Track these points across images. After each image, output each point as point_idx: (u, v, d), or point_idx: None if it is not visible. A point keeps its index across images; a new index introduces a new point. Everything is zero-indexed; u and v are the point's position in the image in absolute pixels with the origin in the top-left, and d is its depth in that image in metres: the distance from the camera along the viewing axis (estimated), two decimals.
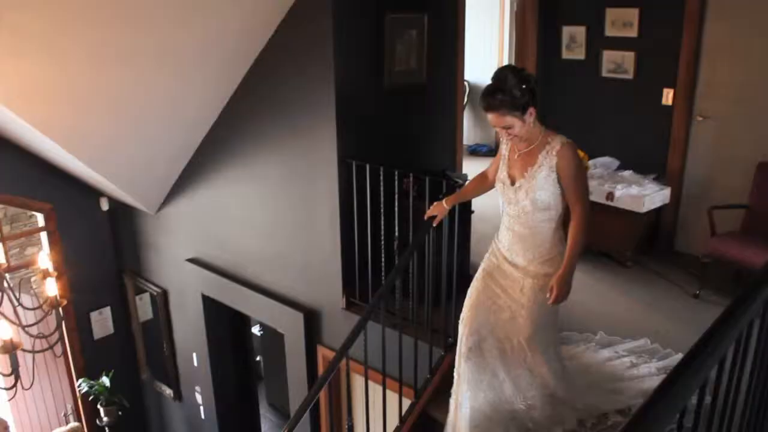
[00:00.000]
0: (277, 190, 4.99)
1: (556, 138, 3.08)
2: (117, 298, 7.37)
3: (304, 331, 5.00)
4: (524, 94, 2.96)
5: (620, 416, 3.44)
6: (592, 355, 3.98)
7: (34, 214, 7.46)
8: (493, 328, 3.36)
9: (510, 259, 3.28)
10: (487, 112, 3.05)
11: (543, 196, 3.08)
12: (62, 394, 7.31)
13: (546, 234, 3.17)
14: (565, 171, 3.05)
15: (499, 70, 3.04)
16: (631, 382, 3.69)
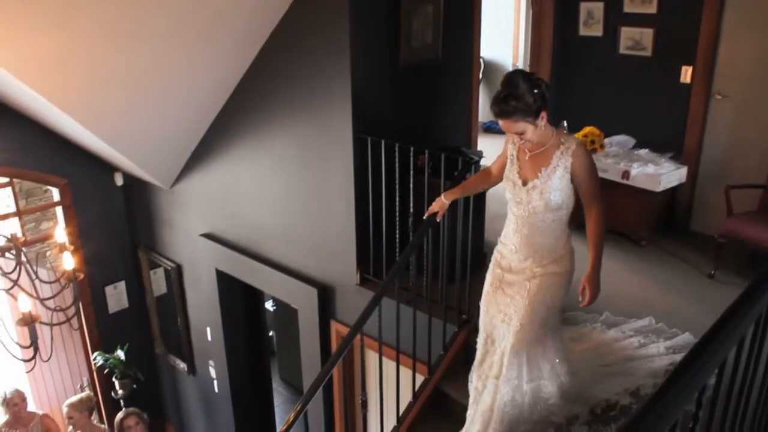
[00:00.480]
0: (291, 166, 4.99)
1: (569, 138, 3.07)
2: (131, 272, 7.42)
3: (318, 307, 5.02)
4: (536, 100, 2.93)
5: (630, 397, 3.43)
6: (599, 336, 3.97)
7: (50, 188, 7.50)
8: (505, 337, 3.34)
9: (515, 266, 3.27)
10: (500, 119, 3.01)
11: (557, 197, 3.07)
12: (78, 367, 7.39)
13: (555, 233, 3.16)
14: (581, 171, 3.04)
15: (510, 75, 3.00)
16: (640, 362, 3.68)
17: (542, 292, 3.20)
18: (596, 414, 3.41)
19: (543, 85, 2.97)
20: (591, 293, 3.12)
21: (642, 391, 3.46)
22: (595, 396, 3.48)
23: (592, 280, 3.11)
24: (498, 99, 2.97)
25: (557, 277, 3.20)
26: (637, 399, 3.41)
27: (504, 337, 3.32)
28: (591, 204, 3.11)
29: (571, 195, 3.11)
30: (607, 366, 3.67)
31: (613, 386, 3.52)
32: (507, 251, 3.30)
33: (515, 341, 3.24)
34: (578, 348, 3.85)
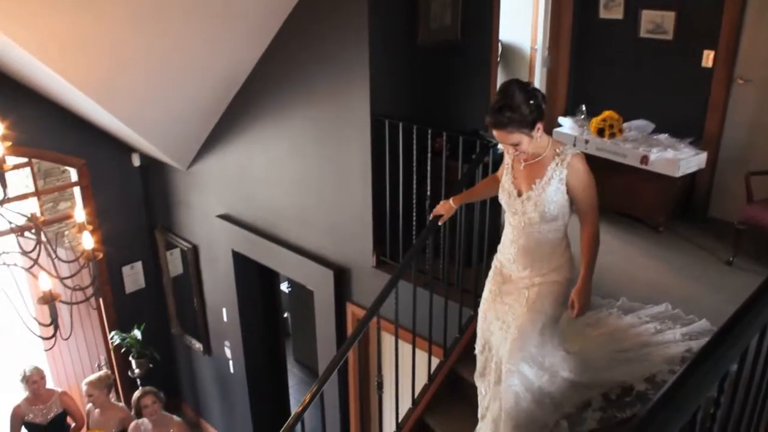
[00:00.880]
0: (308, 148, 4.99)
1: (565, 149, 3.01)
2: (148, 253, 7.47)
3: (334, 289, 5.03)
4: (532, 111, 2.86)
5: (646, 383, 3.41)
6: (615, 322, 3.95)
7: (67, 169, 7.54)
8: (502, 345, 3.32)
9: (514, 275, 3.24)
10: (494, 130, 2.95)
11: (552, 209, 3.03)
12: (96, 346, 7.47)
13: (552, 244, 3.13)
14: (577, 183, 2.99)
15: (506, 85, 2.94)
16: (656, 348, 3.66)
17: (540, 301, 3.17)
18: (611, 399, 3.40)
19: (539, 96, 2.91)
20: (579, 306, 3.10)
21: (658, 378, 3.44)
22: (610, 381, 3.47)
23: (581, 293, 3.09)
24: (493, 109, 2.90)
25: (556, 285, 3.16)
26: (653, 385, 3.39)
27: (501, 345, 3.30)
28: (586, 217, 3.06)
29: (568, 206, 3.06)
30: (623, 352, 3.66)
31: (629, 372, 3.51)
32: (505, 260, 3.28)
33: (513, 349, 3.21)
34: (594, 333, 3.84)
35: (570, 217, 3.11)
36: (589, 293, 3.12)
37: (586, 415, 3.38)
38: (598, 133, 5.22)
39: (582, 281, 3.09)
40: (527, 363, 3.26)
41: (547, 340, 3.28)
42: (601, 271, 4.49)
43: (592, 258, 3.08)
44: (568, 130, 5.47)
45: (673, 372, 3.46)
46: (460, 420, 3.86)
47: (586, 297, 3.11)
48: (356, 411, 5.23)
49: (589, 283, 3.09)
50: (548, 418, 3.38)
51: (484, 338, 3.45)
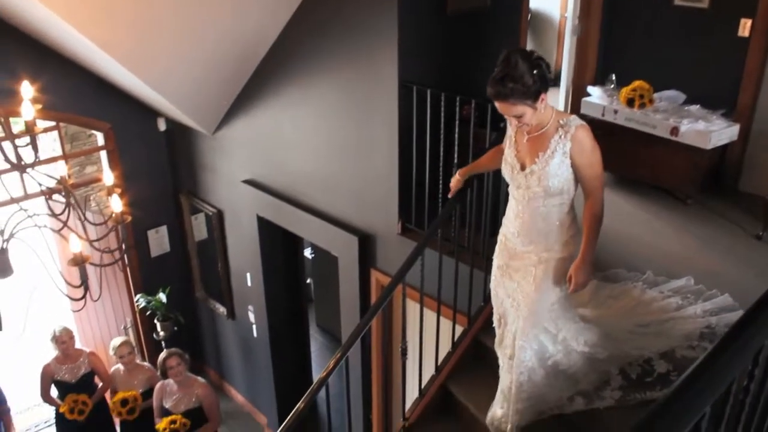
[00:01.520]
0: (335, 113, 4.97)
1: (569, 120, 2.92)
2: (173, 217, 7.53)
3: (358, 255, 5.05)
4: (536, 81, 2.76)
5: (664, 362, 3.36)
6: (638, 295, 3.88)
7: (93, 133, 7.58)
8: (515, 321, 3.29)
9: (519, 249, 3.18)
10: (496, 101, 2.86)
11: (556, 183, 2.95)
12: (122, 308, 7.57)
13: (558, 218, 3.06)
14: (581, 156, 2.91)
15: (508, 54, 2.83)
16: (676, 322, 3.62)
17: (548, 279, 3.13)
18: (631, 379, 3.36)
19: (543, 65, 2.81)
20: (576, 282, 3.05)
21: (677, 353, 3.41)
22: (626, 354, 3.43)
23: (579, 269, 3.04)
24: (495, 80, 2.81)
25: (564, 261, 3.12)
26: (674, 364, 3.35)
27: (514, 321, 3.28)
28: (590, 191, 2.99)
29: (573, 179, 2.98)
30: (643, 326, 3.62)
31: (646, 345, 3.48)
32: (510, 234, 3.21)
33: (525, 327, 3.19)
34: (616, 305, 3.80)
35: (576, 190, 3.03)
36: (589, 270, 3.06)
37: (605, 394, 3.35)
38: (628, 104, 5.14)
39: (581, 257, 3.04)
40: (541, 336, 3.24)
41: (560, 315, 3.25)
42: (627, 242, 4.49)
43: (593, 234, 3.02)
44: (597, 99, 5.40)
45: (691, 347, 3.43)
46: (482, 386, 3.87)
47: (584, 273, 3.05)
48: (378, 377, 5.27)
49: (588, 259, 3.03)
50: (562, 393, 3.37)
51: (499, 313, 3.43)
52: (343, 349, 3.65)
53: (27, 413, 7.65)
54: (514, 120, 2.91)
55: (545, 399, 3.38)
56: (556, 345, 3.29)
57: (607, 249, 4.40)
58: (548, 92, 2.85)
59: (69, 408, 5.89)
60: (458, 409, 3.99)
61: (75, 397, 5.92)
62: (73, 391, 5.99)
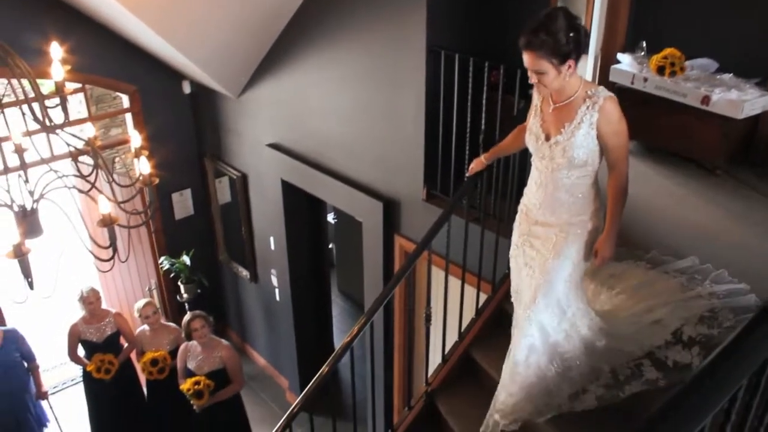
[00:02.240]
0: (361, 78, 4.94)
1: (597, 91, 2.85)
2: (197, 180, 7.56)
3: (383, 221, 5.05)
4: (569, 42, 2.69)
5: (655, 369, 3.29)
6: (642, 274, 3.78)
7: (118, 95, 7.61)
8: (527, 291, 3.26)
9: (541, 219, 3.13)
10: (524, 51, 2.78)
11: (581, 154, 2.90)
12: (146, 270, 7.65)
13: (581, 190, 3.01)
14: (607, 128, 2.84)
15: (551, 9, 2.77)
16: (677, 306, 3.51)
17: (568, 247, 3.09)
18: (618, 380, 3.32)
19: (582, 32, 2.75)
20: (602, 257, 3.04)
21: (669, 359, 3.31)
22: (622, 350, 3.37)
23: (604, 244, 3.03)
24: (529, 29, 2.74)
25: (584, 233, 3.08)
26: (664, 372, 3.27)
27: (525, 291, 3.26)
28: (614, 165, 2.93)
29: (598, 151, 2.93)
30: (649, 313, 3.52)
31: (645, 338, 3.39)
32: (531, 205, 3.17)
33: (537, 294, 3.17)
34: (618, 287, 3.71)
35: (600, 163, 2.98)
36: (614, 245, 3.04)
37: (591, 388, 3.33)
38: (658, 71, 5.05)
39: (607, 232, 3.02)
40: (550, 310, 3.21)
41: (572, 289, 3.21)
42: (652, 211, 4.44)
43: (619, 209, 2.99)
44: (626, 67, 5.31)
45: (686, 349, 3.30)
46: (505, 353, 3.87)
47: (610, 248, 3.03)
48: (401, 342, 5.30)
49: (614, 234, 3.01)
50: (554, 388, 3.34)
51: (515, 284, 3.40)
52: (367, 315, 3.67)
53: (54, 371, 7.81)
54: (534, 77, 2.84)
55: (536, 392, 3.34)
56: (561, 323, 3.25)
57: (631, 218, 4.36)
58: (578, 61, 2.79)
59: (96, 367, 5.99)
60: (480, 376, 4.01)
61: (101, 357, 6.01)
62: (99, 350, 6.09)
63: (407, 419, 4.20)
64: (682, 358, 3.28)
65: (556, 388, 3.35)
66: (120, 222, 3.23)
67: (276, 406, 7.53)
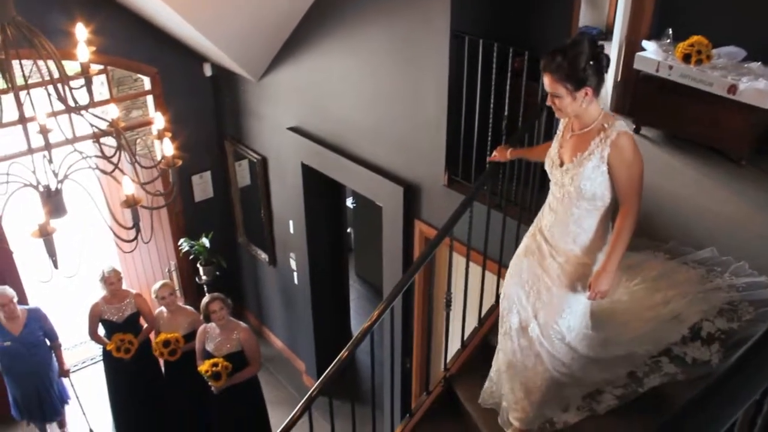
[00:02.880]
0: (383, 62, 4.91)
1: (614, 124, 2.81)
2: (217, 163, 7.58)
3: (403, 205, 5.04)
4: (586, 70, 2.69)
5: (674, 365, 3.24)
6: (659, 265, 3.70)
7: (139, 77, 7.63)
8: (532, 311, 3.22)
9: (551, 240, 3.09)
10: (543, 73, 2.80)
11: (589, 186, 2.86)
12: (166, 252, 7.70)
13: (590, 224, 2.97)
14: (619, 163, 2.80)
15: (578, 34, 2.80)
16: (695, 298, 3.44)
17: (573, 283, 3.06)
18: (638, 378, 3.29)
19: (603, 62, 2.73)
20: (595, 291, 2.96)
21: (688, 356, 3.26)
22: (635, 354, 3.33)
23: (600, 277, 2.94)
24: (551, 50, 2.76)
25: (586, 267, 3.04)
26: (683, 368, 3.23)
27: (524, 309, 3.21)
28: (624, 201, 2.87)
29: (607, 187, 2.88)
30: (666, 304, 3.45)
31: (661, 337, 3.33)
32: (544, 227, 3.13)
33: (538, 315, 3.16)
34: (637, 278, 3.64)
35: (612, 200, 2.93)
36: (610, 281, 2.97)
37: (606, 390, 3.33)
38: (684, 59, 4.99)
39: (603, 266, 2.95)
40: (549, 333, 3.19)
41: (575, 318, 3.17)
42: (675, 200, 4.41)
43: (621, 245, 2.91)
44: (651, 54, 5.25)
45: (706, 347, 3.26)
46: None
47: (606, 283, 2.95)
48: (420, 327, 5.30)
49: (611, 269, 2.93)
50: (561, 382, 3.33)
51: (506, 291, 3.33)
52: (387, 300, 3.67)
53: (75, 350, 7.90)
54: (550, 100, 2.85)
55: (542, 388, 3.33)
56: (563, 345, 3.22)
57: (654, 207, 4.33)
58: (598, 91, 2.78)
59: (116, 346, 6.05)
60: None
61: (121, 336, 6.07)
62: (119, 330, 6.14)
63: (425, 404, 4.21)
64: (701, 354, 3.24)
65: (566, 388, 3.35)
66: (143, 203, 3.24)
67: (293, 388, 7.57)
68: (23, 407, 6.34)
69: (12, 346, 5.94)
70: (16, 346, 5.95)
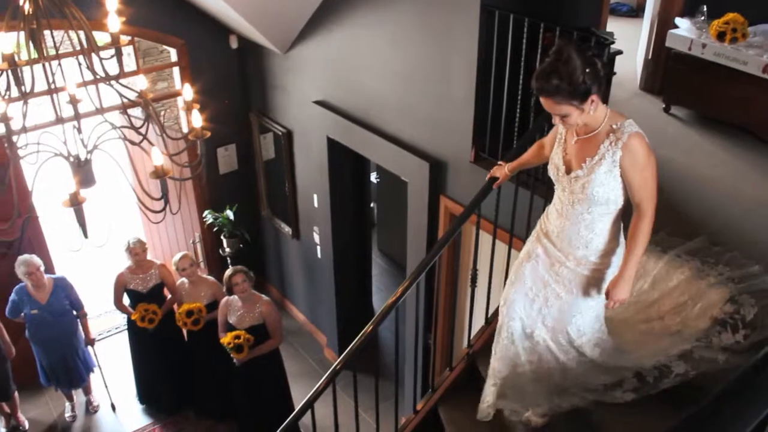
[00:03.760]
0: (411, 36, 4.86)
1: (623, 125, 2.68)
2: (242, 136, 7.58)
3: (429, 181, 5.02)
4: (586, 80, 2.52)
5: (683, 362, 3.16)
6: (653, 267, 3.54)
7: (164, 49, 7.63)
8: (538, 317, 3.16)
9: (560, 246, 2.99)
10: (541, 97, 2.64)
11: (602, 192, 2.75)
12: (191, 224, 7.75)
13: (602, 227, 2.86)
14: (632, 167, 2.67)
15: (560, 47, 2.57)
16: (695, 300, 3.32)
17: (582, 285, 2.99)
18: (647, 382, 3.22)
19: (598, 64, 2.57)
20: (613, 299, 2.89)
21: (695, 353, 3.15)
22: (642, 364, 3.26)
23: (617, 286, 2.86)
24: (541, 73, 2.58)
25: (600, 273, 2.97)
26: (692, 364, 3.15)
27: (529, 316, 3.15)
28: (638, 205, 2.74)
29: (621, 189, 2.77)
30: (659, 319, 3.36)
31: (662, 348, 3.24)
32: (550, 232, 3.03)
33: (546, 327, 3.12)
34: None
35: (625, 201, 2.83)
36: (629, 288, 2.88)
37: (616, 394, 3.27)
38: (718, 37, 4.90)
39: (620, 274, 2.86)
40: (556, 337, 3.15)
41: (586, 322, 3.12)
42: (707, 182, 4.35)
43: (638, 251, 2.80)
44: (684, 32, 5.16)
45: (708, 346, 3.17)
46: None
47: (624, 290, 2.87)
48: (445, 303, 5.29)
49: (628, 276, 2.84)
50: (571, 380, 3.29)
51: (507, 294, 3.26)
52: (412, 276, 3.67)
53: (100, 319, 8.00)
54: (557, 118, 2.72)
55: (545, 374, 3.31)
56: (571, 348, 3.19)
57: (683, 189, 4.29)
58: (601, 92, 2.65)
59: (140, 316, 6.12)
60: None
61: (146, 306, 6.14)
62: (143, 300, 6.21)
63: (448, 380, 4.22)
64: (710, 354, 3.14)
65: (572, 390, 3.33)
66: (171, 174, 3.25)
67: (313, 361, 7.63)
68: (50, 374, 6.45)
69: (39, 314, 6.04)
70: (42, 314, 6.04)
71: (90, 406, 6.97)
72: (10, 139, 3.10)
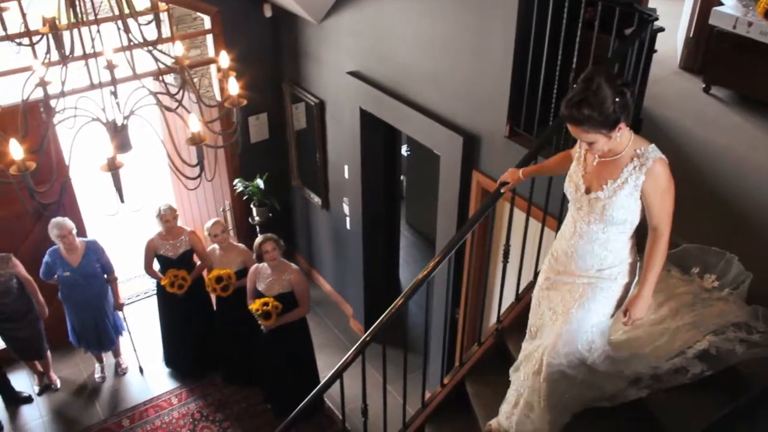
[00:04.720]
0: (448, 7, 4.79)
1: (647, 151, 2.69)
2: (274, 105, 7.57)
3: (462, 155, 4.97)
4: (617, 110, 2.53)
5: (698, 361, 3.13)
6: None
7: (198, 17, 7.61)
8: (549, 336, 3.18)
9: (569, 268, 3.02)
10: (570, 125, 2.64)
11: (620, 214, 2.77)
12: (222, 191, 7.78)
13: (616, 246, 2.89)
14: (654, 192, 2.71)
15: (590, 74, 2.56)
16: (705, 307, 3.31)
17: (594, 301, 3.00)
18: (662, 381, 3.22)
19: (628, 94, 2.56)
20: (632, 317, 2.92)
21: (710, 349, 3.13)
22: (659, 366, 3.23)
23: (635, 304, 2.90)
24: (571, 102, 2.58)
25: (614, 287, 2.98)
26: (708, 363, 3.13)
27: (547, 335, 3.18)
28: (657, 227, 2.78)
29: (638, 211, 2.79)
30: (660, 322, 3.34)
31: (678, 344, 3.22)
32: (562, 252, 3.05)
33: (557, 342, 3.10)
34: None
35: (639, 220, 2.85)
36: (646, 306, 2.93)
37: (630, 392, 3.27)
38: (766, 16, 4.78)
39: (639, 292, 2.89)
40: (569, 358, 3.14)
41: (596, 337, 3.12)
42: (743, 164, 4.28)
43: (655, 270, 2.84)
44: (729, 10, 5.04)
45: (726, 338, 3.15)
46: None
47: (642, 309, 2.92)
48: (475, 277, 5.26)
49: (647, 294, 2.88)
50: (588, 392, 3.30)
51: (536, 325, 3.32)
52: (443, 252, 3.66)
53: (130, 283, 8.10)
54: (585, 145, 2.75)
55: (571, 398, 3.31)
56: (579, 368, 3.19)
57: (721, 169, 4.22)
58: (629, 120, 2.66)
59: (170, 282, 6.19)
60: None
61: (175, 272, 6.21)
62: (173, 266, 6.28)
63: (476, 355, 4.22)
64: (727, 345, 3.13)
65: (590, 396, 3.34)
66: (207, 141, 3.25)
67: (339, 332, 7.67)
68: (81, 335, 6.57)
69: (70, 276, 6.14)
70: (74, 276, 6.14)
71: (119, 368, 7.09)
72: (48, 104, 3.12)
